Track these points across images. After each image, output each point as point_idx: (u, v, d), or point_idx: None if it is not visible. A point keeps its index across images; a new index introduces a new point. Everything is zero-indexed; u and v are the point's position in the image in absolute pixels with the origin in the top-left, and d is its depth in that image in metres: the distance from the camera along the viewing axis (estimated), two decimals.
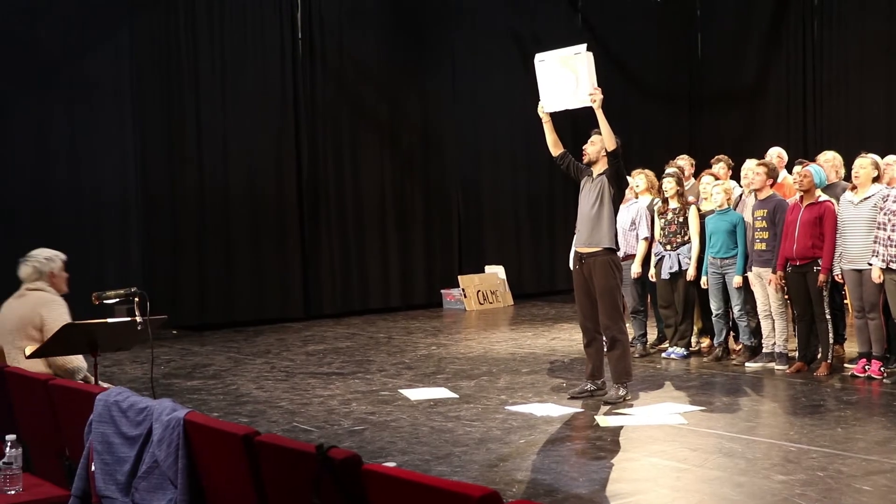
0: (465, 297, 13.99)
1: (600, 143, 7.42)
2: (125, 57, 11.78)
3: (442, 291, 14.34)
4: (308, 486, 2.94)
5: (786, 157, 10.08)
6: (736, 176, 9.77)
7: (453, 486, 2.56)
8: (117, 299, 5.05)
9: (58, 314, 5.54)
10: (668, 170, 9.48)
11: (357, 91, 13.78)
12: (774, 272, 8.41)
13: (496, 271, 14.66)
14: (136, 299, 4.97)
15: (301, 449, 3.03)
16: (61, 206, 11.25)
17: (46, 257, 5.81)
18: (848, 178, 8.45)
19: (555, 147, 7.66)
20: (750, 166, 9.32)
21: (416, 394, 7.98)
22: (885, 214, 7.71)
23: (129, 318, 4.94)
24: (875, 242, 7.78)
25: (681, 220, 9.23)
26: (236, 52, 12.58)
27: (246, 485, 3.23)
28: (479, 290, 14.16)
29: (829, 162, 8.98)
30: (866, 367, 8.08)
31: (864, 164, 8.01)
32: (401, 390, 8.14)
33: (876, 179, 8.03)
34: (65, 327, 5.01)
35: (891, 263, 7.66)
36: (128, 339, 5.23)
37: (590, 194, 7.51)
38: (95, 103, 11.55)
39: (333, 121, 13.52)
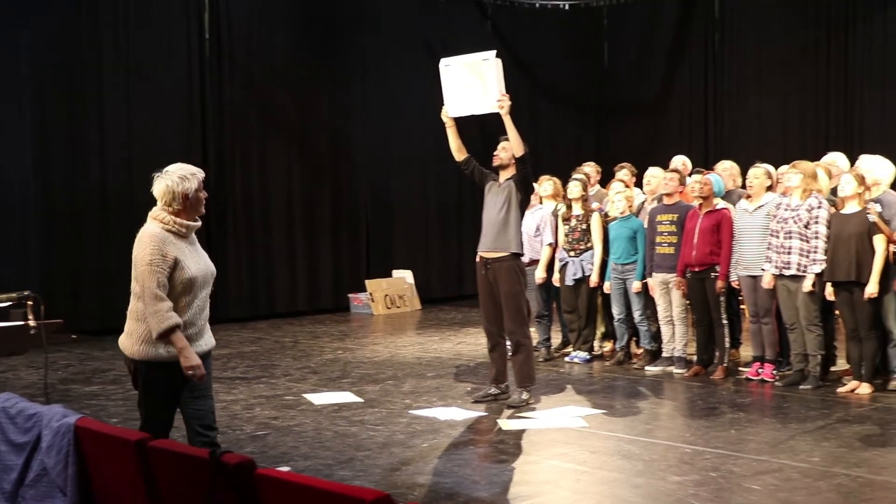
0: (373, 301, 13.97)
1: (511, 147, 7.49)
2: (25, 56, 11.47)
3: (349, 296, 14.30)
4: (202, 492, 2.92)
5: (690, 166, 10.30)
6: (639, 183, 9.95)
7: (346, 489, 2.58)
8: (9, 303, 4.93)
9: (141, 255, 4.65)
10: (575, 176, 9.61)
11: (266, 94, 13.66)
12: None
13: (404, 276, 14.68)
14: (30, 303, 4.86)
15: (194, 454, 3.01)
16: None
17: (182, 175, 4.87)
18: (744, 186, 8.69)
19: (458, 152, 7.70)
20: (654, 173, 9.51)
21: (320, 398, 7.95)
22: (777, 222, 7.97)
23: (21, 323, 4.83)
24: (768, 249, 8.03)
25: (584, 226, 9.37)
26: (141, 51, 12.34)
27: (138, 491, 3.19)
28: (386, 295, 14.15)
29: (726, 171, 9.23)
30: (760, 370, 8.33)
31: (757, 173, 8.27)
32: (305, 395, 8.10)
33: (769, 188, 8.29)
34: None
35: (783, 270, 7.91)
36: (21, 343, 5.08)
37: (496, 199, 7.57)
38: None
39: (241, 123, 13.38)
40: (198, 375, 4.53)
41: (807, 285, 7.78)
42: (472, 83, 7.41)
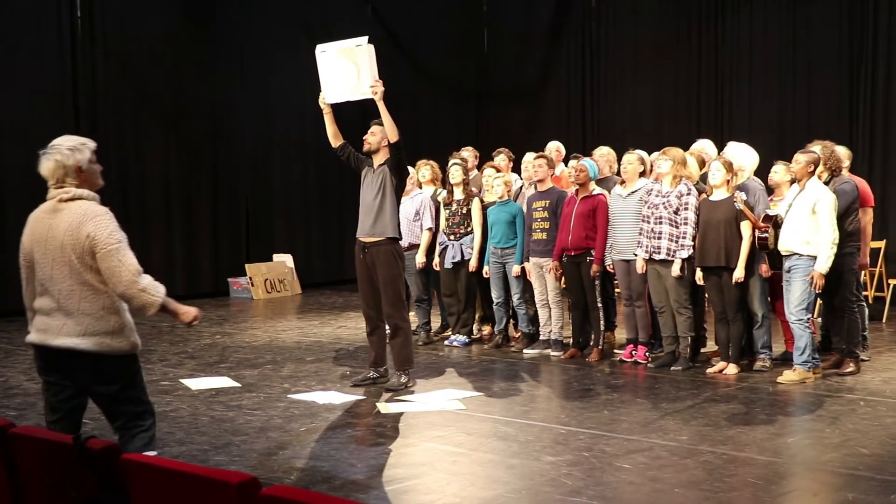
0: (253, 285, 13.82)
1: (381, 133, 7.50)
2: None
3: (229, 280, 14.11)
4: (65, 478, 2.86)
5: (564, 151, 10.50)
6: (517, 168, 10.08)
7: (212, 473, 2.56)
8: None
9: (108, 233, 4.31)
10: (453, 160, 9.67)
11: (142, 76, 13.29)
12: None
13: (284, 260, 14.57)
14: None
15: (58, 440, 2.94)
16: None
17: (71, 147, 4.34)
18: (619, 172, 8.89)
19: (335, 138, 7.69)
20: (529, 159, 9.65)
21: (197, 383, 7.84)
22: (648, 208, 8.18)
23: None
24: (640, 234, 8.24)
25: (464, 211, 9.45)
26: (7, 30, 11.85)
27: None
28: (266, 279, 14.02)
29: (603, 157, 9.42)
30: (633, 352, 8.55)
31: (631, 159, 8.47)
32: (182, 380, 7.98)
33: (643, 174, 8.50)
34: None
35: (653, 255, 8.13)
36: None
37: (372, 185, 7.58)
38: None
39: (116, 106, 13.00)
40: (198, 317, 4.68)
41: (675, 270, 8.02)
42: (348, 69, 7.41)
